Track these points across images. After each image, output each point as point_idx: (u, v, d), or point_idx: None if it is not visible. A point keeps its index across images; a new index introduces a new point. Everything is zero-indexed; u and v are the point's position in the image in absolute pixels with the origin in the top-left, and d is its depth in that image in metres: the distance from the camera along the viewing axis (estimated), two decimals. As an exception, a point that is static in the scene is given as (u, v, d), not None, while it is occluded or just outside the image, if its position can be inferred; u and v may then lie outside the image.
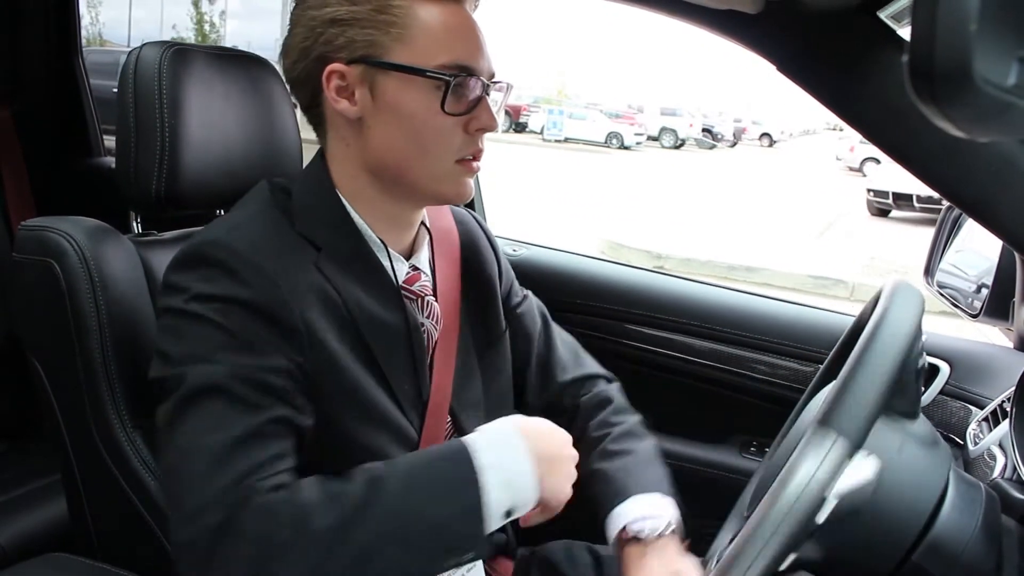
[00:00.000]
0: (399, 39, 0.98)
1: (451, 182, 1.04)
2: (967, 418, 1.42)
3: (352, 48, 0.99)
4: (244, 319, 0.91)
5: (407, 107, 0.99)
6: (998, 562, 0.85)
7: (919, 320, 0.82)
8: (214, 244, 0.95)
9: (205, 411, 0.87)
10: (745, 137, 35.07)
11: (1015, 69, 0.39)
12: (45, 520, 1.73)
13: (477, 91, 1.00)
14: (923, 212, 12.22)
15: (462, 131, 1.01)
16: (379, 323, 1.04)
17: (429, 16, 0.98)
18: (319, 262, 1.00)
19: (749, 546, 0.74)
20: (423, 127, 1.00)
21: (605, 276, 1.86)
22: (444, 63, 0.98)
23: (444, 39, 0.98)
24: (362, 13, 0.98)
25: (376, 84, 0.99)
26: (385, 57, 0.98)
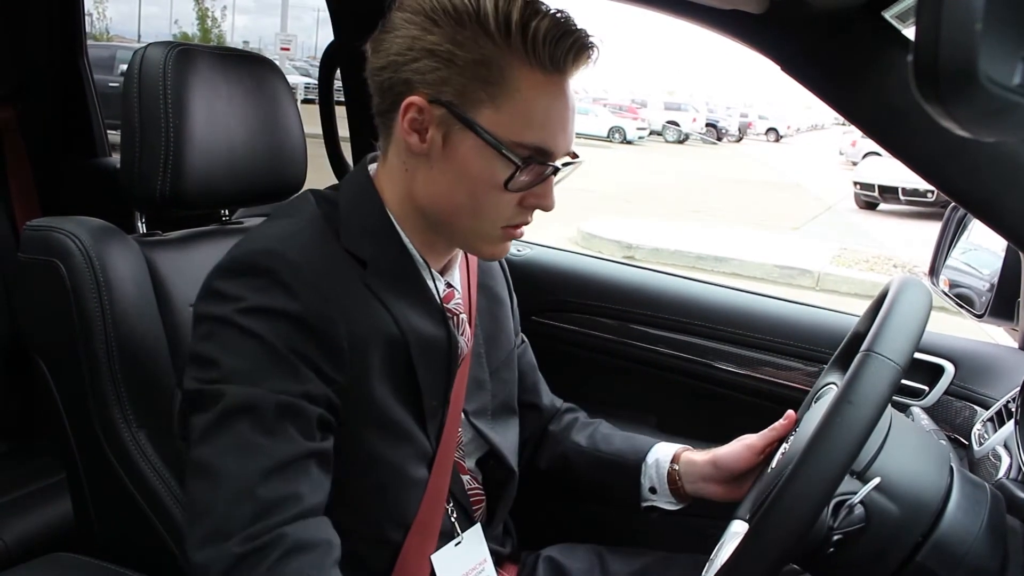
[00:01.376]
0: (490, 100, 0.93)
1: (491, 244, 1.04)
2: (972, 418, 1.41)
3: (440, 88, 0.94)
4: (291, 334, 0.90)
5: (473, 169, 0.96)
6: (1003, 562, 0.85)
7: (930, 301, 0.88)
8: (268, 254, 0.93)
9: (239, 434, 0.87)
10: (751, 132, 34.99)
11: (1020, 69, 0.39)
12: (50, 519, 1.73)
13: (546, 172, 0.98)
14: (909, 205, 12.26)
15: (517, 204, 0.99)
16: (427, 341, 1.03)
17: (527, 86, 0.93)
18: (366, 278, 0.99)
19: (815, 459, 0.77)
20: (482, 194, 0.97)
21: (608, 276, 1.86)
22: (525, 142, 0.94)
23: (534, 117, 0.94)
24: (462, 58, 0.93)
25: (451, 133, 0.96)
26: (469, 113, 0.94)
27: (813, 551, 0.85)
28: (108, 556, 1.22)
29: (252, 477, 0.85)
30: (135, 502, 1.16)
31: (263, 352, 0.89)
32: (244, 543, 0.82)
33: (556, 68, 0.93)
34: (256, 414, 0.87)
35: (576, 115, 0.99)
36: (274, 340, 0.89)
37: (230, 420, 0.87)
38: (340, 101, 2.03)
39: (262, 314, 0.90)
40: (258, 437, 0.86)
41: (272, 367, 0.89)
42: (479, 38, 0.92)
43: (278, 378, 0.89)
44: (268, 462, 0.86)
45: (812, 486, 0.76)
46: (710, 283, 1.89)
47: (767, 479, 1.03)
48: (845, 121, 1.10)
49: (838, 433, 0.77)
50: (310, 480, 0.89)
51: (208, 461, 0.87)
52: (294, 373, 0.90)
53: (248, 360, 0.89)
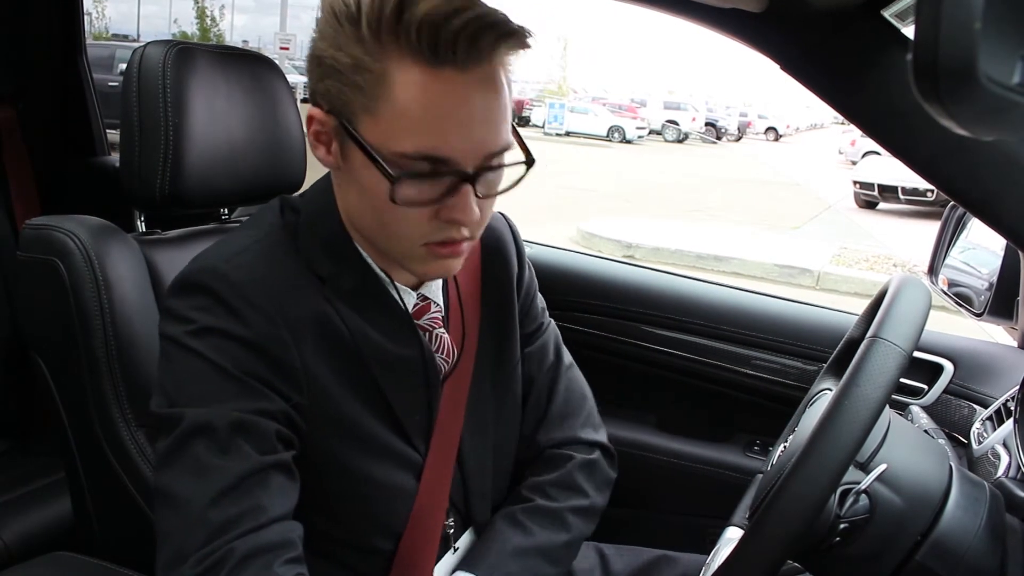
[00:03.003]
0: (366, 109, 0.84)
1: (419, 263, 0.95)
2: (971, 417, 1.41)
3: (330, 99, 0.87)
4: (239, 355, 0.88)
5: (366, 184, 0.88)
6: (1002, 561, 0.85)
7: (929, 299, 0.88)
8: (212, 273, 0.91)
9: (195, 457, 0.85)
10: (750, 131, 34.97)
11: (1019, 67, 0.39)
12: (49, 519, 1.73)
13: (447, 181, 0.86)
14: (908, 204, 12.25)
15: (430, 218, 0.88)
16: (391, 358, 0.99)
17: (406, 92, 0.82)
18: (327, 292, 0.96)
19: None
20: (382, 210, 0.88)
21: (608, 275, 1.86)
22: (407, 151, 0.83)
23: (415, 123, 0.83)
24: (342, 64, 0.84)
25: (345, 146, 0.89)
26: (353, 123, 0.86)
27: (818, 542, 0.85)
28: (107, 555, 1.22)
29: (204, 499, 0.83)
30: (134, 501, 1.16)
31: (213, 373, 0.87)
32: (196, 564, 0.81)
33: (441, 59, 0.81)
34: (210, 435, 0.85)
35: (497, 112, 0.87)
36: (223, 361, 0.87)
37: (186, 443, 0.86)
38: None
39: (210, 335, 0.88)
40: (212, 458, 0.85)
41: (223, 387, 0.87)
42: (354, 41, 0.83)
43: (230, 397, 0.87)
44: (222, 482, 0.84)
45: (821, 469, 0.76)
46: (710, 282, 1.89)
47: (766, 478, 1.03)
48: (844, 120, 1.10)
49: (846, 416, 0.77)
50: (269, 491, 0.86)
51: (167, 486, 0.86)
52: (247, 392, 0.88)
53: (199, 382, 0.88)
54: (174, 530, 0.84)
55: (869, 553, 0.86)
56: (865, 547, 0.85)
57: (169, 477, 0.86)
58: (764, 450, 1.66)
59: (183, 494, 0.85)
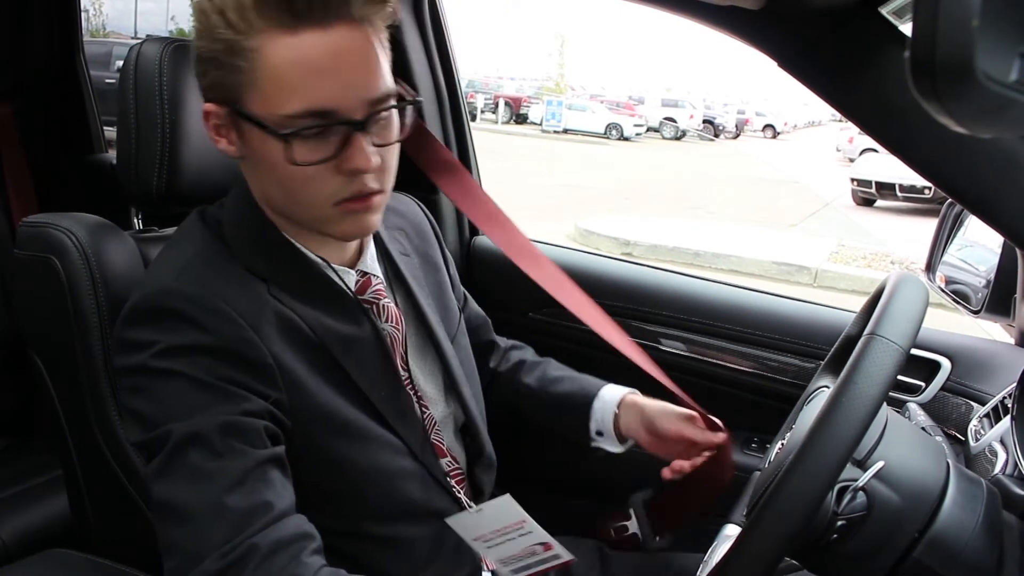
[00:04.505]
0: (249, 85, 0.90)
1: (337, 224, 0.98)
2: (968, 414, 1.42)
3: (215, 90, 0.94)
4: (213, 366, 0.89)
5: (266, 157, 0.93)
6: (999, 558, 0.85)
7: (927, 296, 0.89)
8: (167, 293, 0.93)
9: (191, 465, 0.86)
10: (748, 129, 34.92)
11: (1017, 65, 0.39)
12: (46, 516, 1.73)
13: (339, 133, 0.91)
14: (906, 202, 12.26)
15: (334, 174, 0.93)
16: (347, 339, 1.02)
17: (277, 56, 0.88)
18: (271, 290, 0.98)
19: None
20: (285, 177, 0.93)
21: (606, 272, 1.86)
22: (291, 112, 0.89)
23: (293, 83, 0.89)
24: (217, 53, 0.90)
25: (241, 130, 0.94)
26: (240, 103, 0.92)
27: (815, 540, 0.85)
28: (104, 552, 1.22)
29: (211, 501, 0.85)
30: (131, 498, 1.16)
31: (190, 386, 0.89)
32: (219, 560, 0.82)
33: (302, 22, 0.87)
34: (201, 442, 0.86)
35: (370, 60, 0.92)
36: (197, 373, 0.89)
37: (179, 455, 0.87)
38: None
39: (178, 352, 0.90)
40: (209, 463, 0.86)
41: (203, 397, 0.88)
42: (223, 27, 0.89)
43: (212, 405, 0.88)
44: (226, 481, 0.85)
45: (818, 466, 0.76)
46: (708, 279, 1.89)
47: (764, 475, 1.03)
48: (842, 118, 1.10)
49: (844, 413, 0.77)
50: (272, 486, 0.88)
51: (166, 499, 0.87)
52: (227, 397, 0.89)
53: (178, 398, 0.89)
54: (184, 537, 0.85)
55: (867, 550, 0.86)
56: (862, 544, 0.85)
57: (168, 490, 0.87)
58: (761, 447, 1.66)
59: (187, 501, 0.86)
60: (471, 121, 2.07)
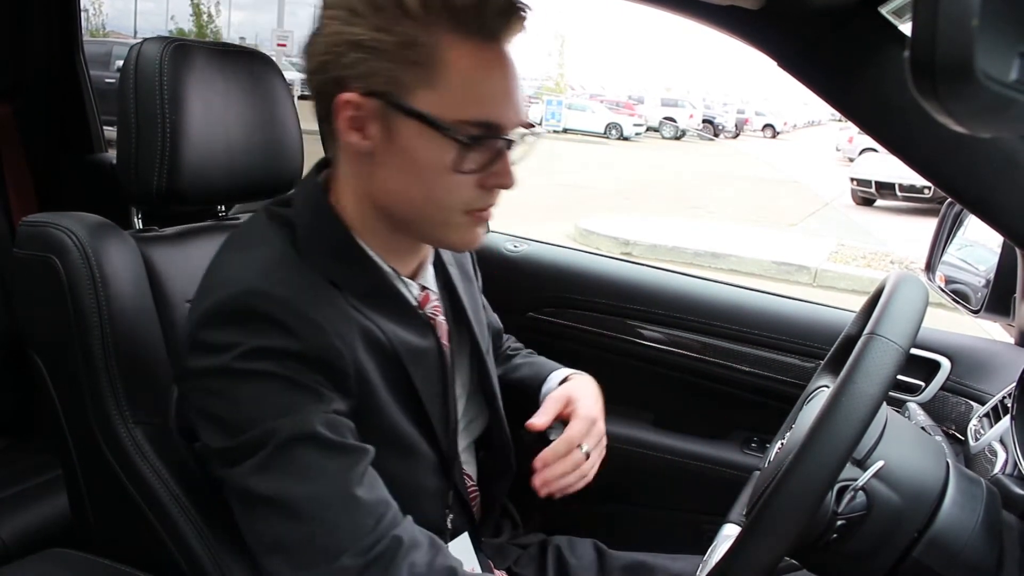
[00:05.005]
0: (424, 81, 0.88)
1: (459, 232, 0.98)
2: (968, 414, 1.42)
3: (371, 80, 0.89)
4: (299, 369, 0.88)
5: (420, 156, 0.91)
6: (999, 558, 0.85)
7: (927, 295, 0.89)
8: (254, 294, 0.90)
9: (306, 462, 0.85)
10: (748, 128, 34.93)
11: (1017, 64, 0.39)
12: (46, 515, 1.73)
13: (493, 148, 0.92)
14: (905, 201, 12.28)
15: (476, 186, 0.94)
16: (417, 353, 1.02)
17: (460, 59, 0.88)
18: (347, 299, 0.96)
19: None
20: (434, 180, 0.92)
21: (605, 272, 1.86)
22: (468, 119, 0.89)
23: (472, 90, 0.89)
24: (388, 44, 0.88)
25: (392, 123, 0.91)
26: (405, 98, 0.89)
27: (815, 539, 0.85)
28: (105, 552, 1.21)
29: (343, 494, 0.85)
30: (131, 498, 1.16)
31: (282, 386, 0.87)
32: (361, 554, 0.82)
33: (488, 35, 0.89)
34: (310, 440, 0.85)
35: (520, 84, 0.94)
36: (287, 373, 0.87)
37: (286, 453, 0.85)
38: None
39: (264, 355, 0.87)
40: (325, 459, 0.85)
41: (299, 395, 0.87)
42: (400, 19, 0.87)
43: (309, 404, 0.87)
44: (349, 476, 0.85)
45: (818, 466, 0.76)
46: (707, 279, 1.89)
47: (764, 475, 1.03)
48: (842, 117, 1.10)
49: (843, 413, 0.77)
50: (382, 483, 0.89)
51: (275, 495, 0.85)
52: (319, 396, 0.88)
53: (271, 397, 0.87)
54: (304, 532, 0.84)
55: (866, 550, 0.86)
56: (862, 544, 0.85)
57: (276, 487, 0.85)
58: (761, 447, 1.67)
59: (306, 496, 0.85)
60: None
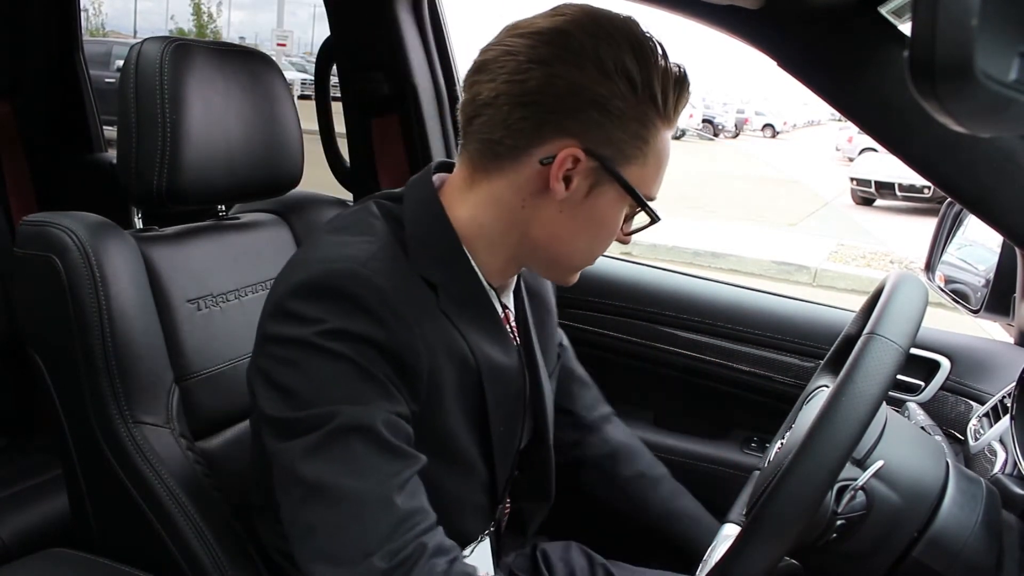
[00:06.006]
0: (637, 158, 0.94)
1: (574, 274, 1.05)
2: (968, 414, 1.42)
3: (600, 143, 0.92)
4: (376, 359, 0.88)
5: (607, 217, 0.97)
6: (999, 558, 0.85)
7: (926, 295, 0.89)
8: (353, 277, 0.89)
9: (356, 454, 0.85)
10: (747, 128, 34.87)
11: (1016, 64, 0.39)
12: (46, 515, 1.73)
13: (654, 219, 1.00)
14: (905, 201, 12.28)
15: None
16: (497, 369, 1.02)
17: (659, 142, 0.95)
18: (440, 303, 0.97)
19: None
20: (604, 237, 1.00)
21: (605, 272, 1.86)
22: (650, 195, 0.97)
23: (657, 171, 0.98)
24: (630, 120, 0.92)
25: (599, 186, 0.94)
26: (620, 169, 0.94)
27: (814, 539, 0.85)
28: (105, 552, 1.22)
29: (384, 495, 0.84)
30: (131, 498, 1.16)
31: (356, 373, 0.87)
32: (389, 557, 0.82)
33: (671, 122, 0.96)
34: (369, 433, 0.85)
35: None
36: (363, 362, 0.87)
37: (342, 440, 0.85)
38: (336, 97, 2.03)
39: (346, 337, 0.87)
40: (377, 457, 0.85)
41: (370, 387, 0.87)
42: (646, 107, 0.92)
43: (379, 397, 0.87)
44: (394, 480, 0.85)
45: (818, 466, 0.76)
46: (707, 279, 1.89)
47: (763, 475, 1.03)
48: (842, 117, 1.10)
49: (843, 413, 0.77)
50: (423, 492, 0.88)
51: (320, 480, 0.85)
52: (387, 394, 0.88)
53: (343, 381, 0.87)
54: (340, 523, 0.84)
55: (866, 549, 0.86)
56: (862, 543, 0.86)
57: (323, 472, 0.85)
58: (761, 446, 1.67)
59: (352, 489, 0.84)
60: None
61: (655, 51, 0.92)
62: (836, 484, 0.83)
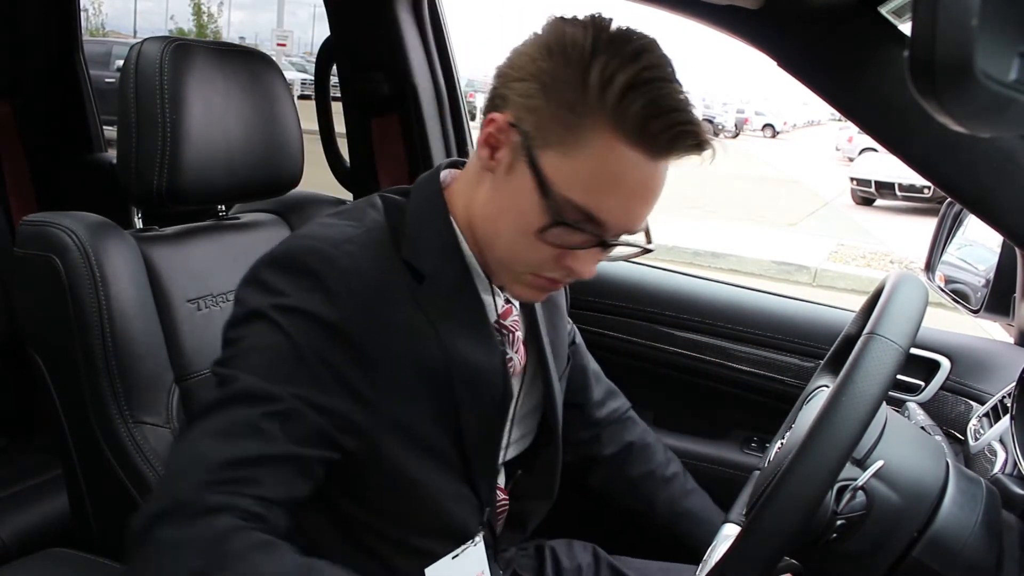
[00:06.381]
0: (560, 145, 0.88)
1: (514, 284, 0.99)
2: (967, 414, 1.42)
3: (525, 116, 0.89)
4: (322, 342, 0.88)
5: (521, 204, 0.91)
6: (999, 558, 0.85)
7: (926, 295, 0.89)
8: (320, 255, 0.91)
9: (231, 420, 0.85)
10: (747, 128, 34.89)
11: (1016, 64, 0.39)
12: (46, 515, 1.73)
13: (587, 242, 0.92)
14: (905, 201, 12.29)
15: (552, 257, 0.94)
16: (473, 368, 1.00)
17: (602, 149, 0.86)
18: (418, 295, 0.96)
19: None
20: (520, 232, 0.92)
21: (605, 272, 1.86)
22: (576, 201, 0.88)
23: (596, 181, 0.88)
24: (556, 96, 0.87)
25: (516, 162, 0.91)
26: (538, 150, 0.89)
27: (814, 539, 0.85)
28: (104, 552, 1.21)
29: (216, 457, 0.82)
30: (131, 498, 1.16)
31: (288, 351, 0.87)
32: (186, 494, 0.81)
33: (642, 144, 0.86)
34: (252, 407, 0.85)
35: (655, 201, 0.93)
36: (302, 342, 0.87)
37: (227, 406, 0.86)
38: (336, 97, 2.03)
39: (298, 315, 0.88)
40: (238, 427, 0.84)
41: (291, 368, 0.87)
42: (579, 83, 0.86)
43: (292, 380, 0.87)
44: (237, 451, 0.83)
45: (818, 466, 0.76)
46: (707, 279, 1.89)
47: (763, 475, 1.03)
48: (842, 117, 1.11)
49: (843, 413, 0.77)
50: (275, 476, 0.85)
51: (190, 438, 0.86)
52: (314, 381, 0.87)
53: (268, 355, 0.87)
54: (175, 472, 0.86)
55: (866, 549, 0.86)
56: (862, 543, 0.85)
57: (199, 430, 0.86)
58: (761, 446, 1.67)
59: (200, 447, 0.84)
60: (471, 121, 2.07)
61: (649, 64, 0.86)
62: (836, 484, 0.83)
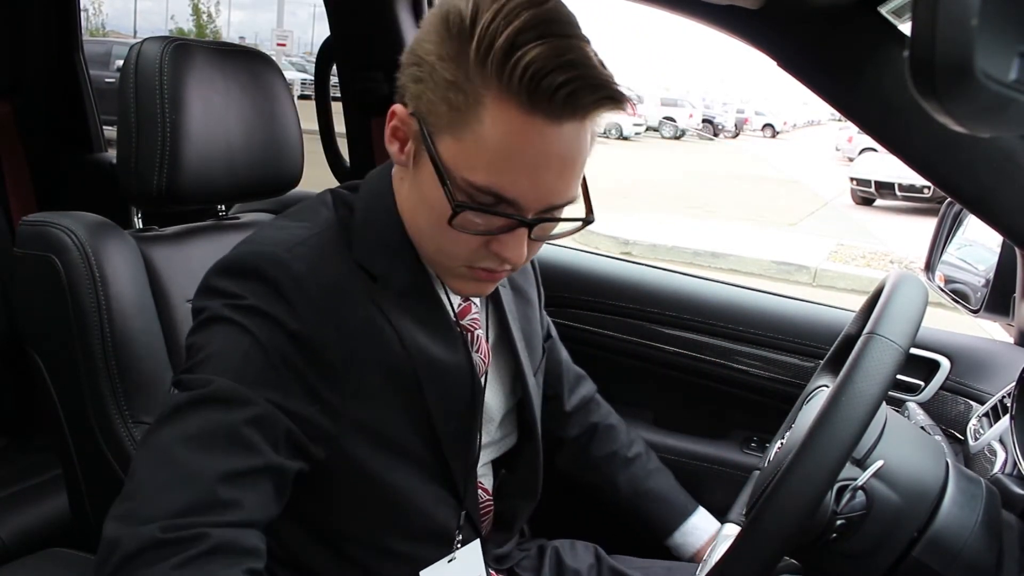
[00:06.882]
0: (452, 129, 0.83)
1: (456, 279, 0.96)
2: (967, 413, 1.42)
3: (418, 102, 0.85)
4: (284, 345, 0.86)
5: (429, 196, 0.88)
6: (999, 558, 0.85)
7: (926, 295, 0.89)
8: (273, 261, 0.88)
9: (205, 425, 0.81)
10: (747, 128, 34.90)
11: (1016, 64, 0.39)
12: (46, 515, 1.73)
13: (506, 225, 0.86)
14: (905, 201, 12.32)
15: (480, 246, 0.89)
16: (437, 365, 0.98)
17: (494, 122, 0.80)
18: (375, 294, 0.94)
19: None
20: (435, 221, 0.88)
21: (605, 272, 1.86)
22: (477, 183, 0.83)
23: (494, 157, 0.82)
24: (439, 75, 0.82)
25: (420, 151, 0.88)
26: (433, 137, 0.85)
27: (814, 539, 0.85)
28: (105, 552, 1.21)
29: (200, 472, 0.78)
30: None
31: (254, 352, 0.85)
32: (165, 531, 0.75)
33: (536, 106, 0.79)
34: (230, 411, 0.81)
35: (574, 167, 0.85)
36: (267, 343, 0.85)
37: (202, 409, 0.81)
38: (336, 97, 2.03)
39: (258, 315, 0.86)
40: (222, 438, 0.81)
41: (260, 369, 0.84)
42: (459, 56, 0.80)
43: (263, 383, 0.84)
44: (222, 465, 0.79)
45: (818, 465, 0.76)
46: (707, 279, 1.89)
47: (763, 475, 1.03)
48: (841, 117, 1.11)
49: (843, 412, 0.77)
50: (257, 494, 0.82)
51: (163, 441, 0.81)
52: (280, 384, 0.85)
53: (237, 356, 0.84)
54: (152, 484, 0.79)
55: (866, 549, 0.86)
56: (862, 543, 0.85)
57: (169, 432, 0.81)
58: (761, 446, 1.67)
59: (179, 456, 0.79)
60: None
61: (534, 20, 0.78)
62: (836, 484, 0.83)
